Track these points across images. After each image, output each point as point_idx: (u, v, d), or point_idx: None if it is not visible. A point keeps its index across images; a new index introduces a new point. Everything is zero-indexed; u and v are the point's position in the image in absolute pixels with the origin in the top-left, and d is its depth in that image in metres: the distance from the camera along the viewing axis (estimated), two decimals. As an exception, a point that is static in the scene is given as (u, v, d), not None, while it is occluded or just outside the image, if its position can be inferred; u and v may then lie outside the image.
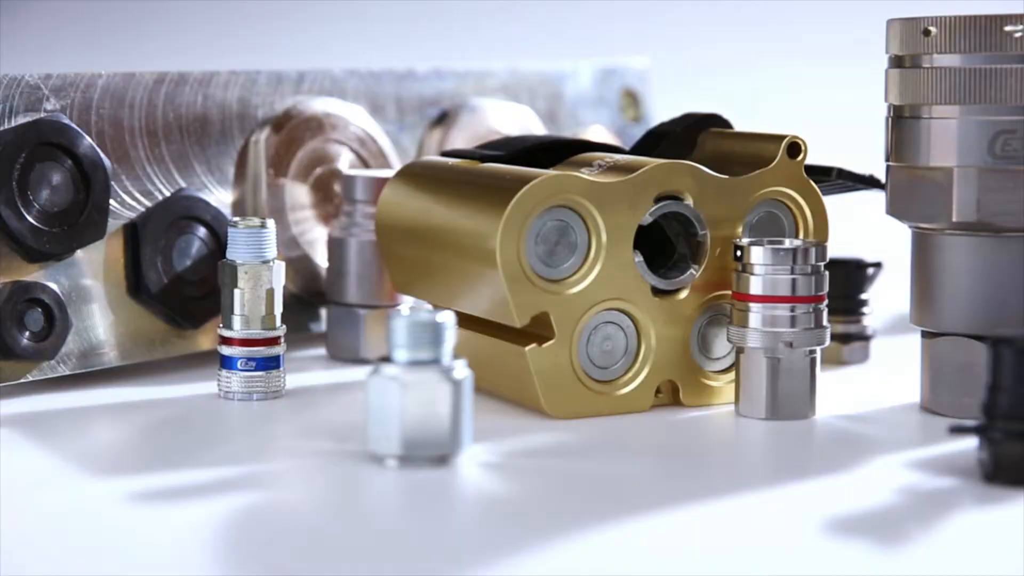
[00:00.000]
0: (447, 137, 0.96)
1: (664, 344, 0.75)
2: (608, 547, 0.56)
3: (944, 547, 0.56)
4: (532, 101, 1.03)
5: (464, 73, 0.99)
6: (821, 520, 0.58)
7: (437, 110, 0.97)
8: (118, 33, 1.09)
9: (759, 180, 0.77)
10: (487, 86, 1.00)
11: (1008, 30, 0.70)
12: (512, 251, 0.72)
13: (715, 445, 0.71)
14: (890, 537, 0.56)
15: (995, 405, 0.61)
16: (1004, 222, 0.72)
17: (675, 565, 0.55)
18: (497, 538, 0.58)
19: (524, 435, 0.71)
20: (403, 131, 0.95)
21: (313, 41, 1.15)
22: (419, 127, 0.96)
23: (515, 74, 1.02)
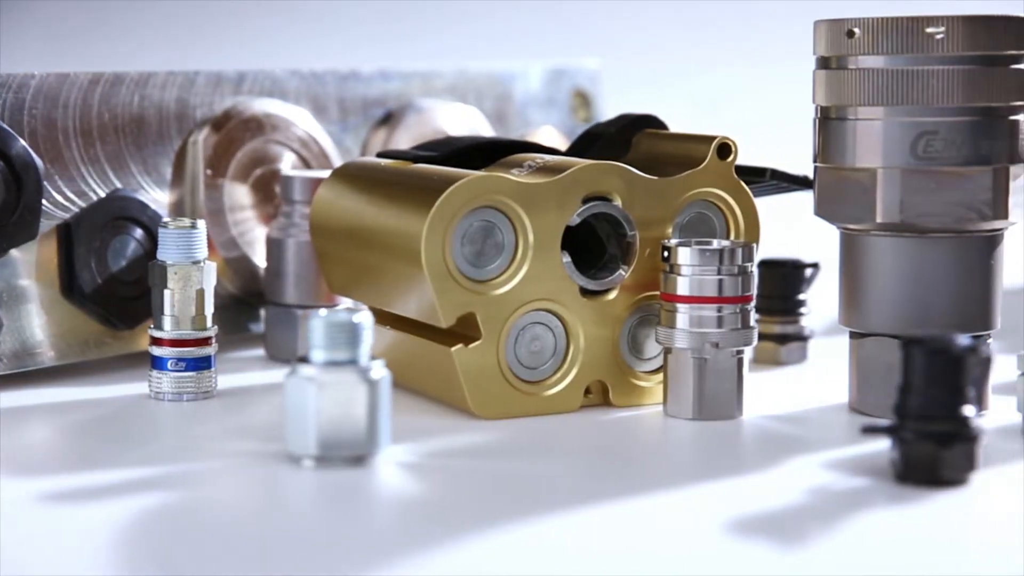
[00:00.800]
0: (391, 138, 0.96)
1: (593, 344, 0.76)
2: (517, 547, 0.56)
3: (846, 546, 0.56)
4: (480, 102, 1.03)
5: (410, 74, 0.99)
6: (726, 520, 0.58)
7: (382, 111, 0.97)
8: (52, 33, 1.09)
9: (689, 181, 0.77)
10: (434, 87, 1.00)
11: (929, 32, 0.71)
12: (437, 252, 0.72)
13: (638, 445, 0.71)
14: (792, 537, 0.56)
15: (906, 406, 0.62)
16: (927, 223, 0.72)
17: (581, 565, 0.55)
18: (407, 538, 0.58)
19: (448, 435, 0.71)
20: (346, 132, 0.95)
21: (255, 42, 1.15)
22: (363, 128, 0.96)
23: (462, 75, 1.02)
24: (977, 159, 0.71)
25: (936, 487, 0.61)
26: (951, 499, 0.60)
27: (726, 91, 1.26)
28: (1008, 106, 0.72)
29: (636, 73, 1.19)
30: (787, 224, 0.91)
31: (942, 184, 0.71)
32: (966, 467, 0.62)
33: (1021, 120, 0.72)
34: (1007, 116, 0.72)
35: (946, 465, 0.61)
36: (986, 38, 0.71)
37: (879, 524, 0.58)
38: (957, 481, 0.62)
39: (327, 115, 0.94)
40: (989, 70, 0.71)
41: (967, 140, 0.71)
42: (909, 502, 0.60)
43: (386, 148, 0.93)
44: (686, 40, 1.27)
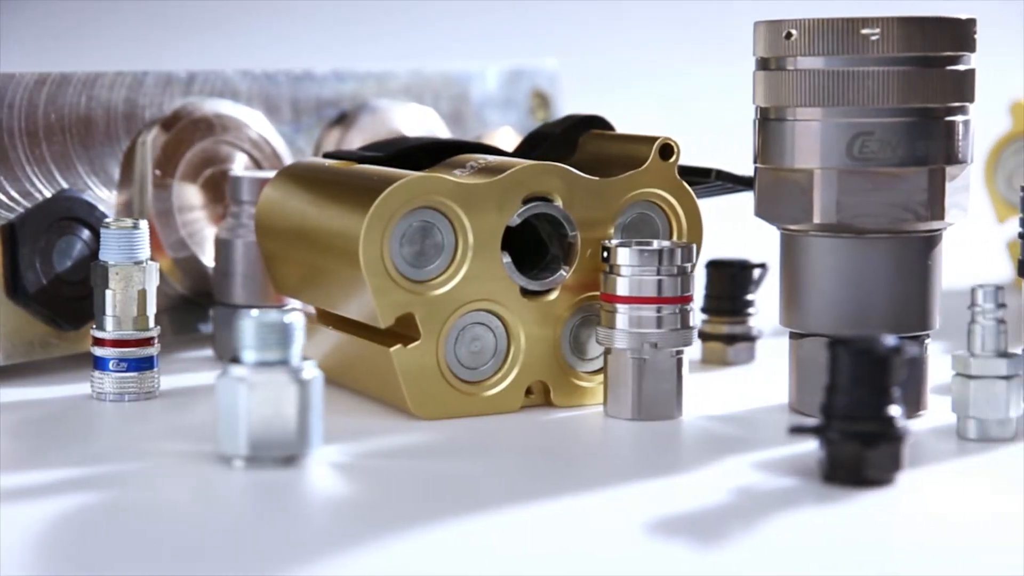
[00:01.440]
0: (345, 138, 0.96)
1: (534, 345, 0.76)
2: (441, 547, 0.56)
3: (765, 546, 0.56)
4: (436, 103, 1.03)
5: (365, 75, 0.99)
6: (647, 521, 0.59)
7: (336, 111, 0.97)
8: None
9: (630, 181, 0.77)
10: (388, 88, 1.00)
11: (864, 33, 0.71)
12: (375, 252, 0.72)
13: (575, 446, 0.71)
14: (710, 537, 0.57)
15: (832, 406, 0.62)
16: (863, 223, 0.72)
17: (501, 566, 0.55)
18: (333, 537, 0.58)
19: (385, 436, 0.71)
20: (299, 133, 0.95)
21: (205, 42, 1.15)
22: (316, 129, 0.96)
23: (418, 75, 1.02)
24: (913, 160, 0.71)
25: (861, 487, 0.61)
26: (875, 499, 0.61)
27: (689, 92, 1.26)
28: (944, 107, 0.72)
29: (595, 73, 1.19)
30: (736, 225, 0.91)
31: (878, 185, 0.72)
32: (891, 467, 0.62)
33: (957, 121, 0.72)
34: (943, 117, 0.72)
35: (871, 465, 0.61)
36: (921, 39, 0.71)
37: (801, 524, 0.59)
38: (882, 481, 0.62)
39: (280, 116, 0.94)
40: (925, 71, 0.71)
41: (903, 141, 0.71)
42: (833, 502, 0.60)
43: (339, 149, 0.93)
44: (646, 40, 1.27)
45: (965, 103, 0.73)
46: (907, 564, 0.55)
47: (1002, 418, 0.69)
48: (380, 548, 0.56)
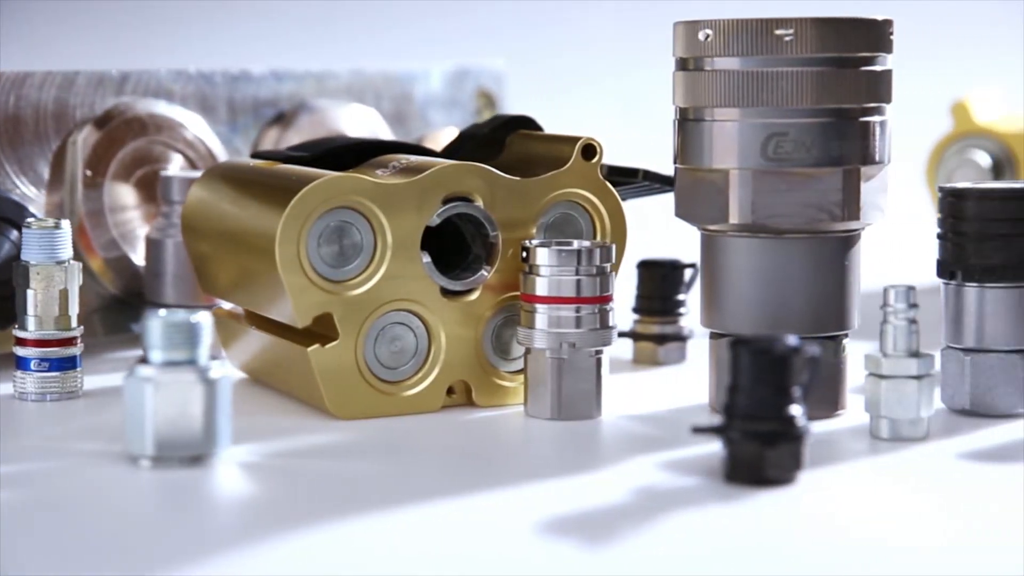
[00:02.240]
0: (283, 138, 0.96)
1: (456, 345, 0.76)
2: (337, 547, 0.56)
3: (657, 545, 0.56)
4: (378, 103, 1.03)
5: (303, 74, 0.99)
6: (542, 520, 0.59)
7: (273, 111, 0.97)
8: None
9: (552, 182, 0.77)
10: (328, 88, 1.00)
11: (778, 34, 0.71)
12: (292, 252, 0.72)
13: (490, 446, 0.71)
14: (600, 536, 0.57)
15: (733, 405, 0.62)
16: (778, 223, 0.72)
17: (386, 564, 0.55)
18: (233, 537, 0.58)
19: (301, 436, 0.71)
20: (236, 133, 0.95)
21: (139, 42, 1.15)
22: (253, 129, 0.96)
23: (359, 75, 1.02)
24: (827, 160, 0.71)
25: (762, 486, 0.62)
26: (774, 498, 0.61)
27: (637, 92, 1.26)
28: (860, 108, 0.72)
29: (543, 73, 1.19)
30: (668, 225, 0.91)
31: (793, 185, 0.72)
32: (792, 466, 0.62)
33: (873, 122, 0.72)
34: (858, 118, 0.72)
35: (771, 464, 0.61)
36: (836, 40, 0.71)
37: (695, 522, 0.59)
38: (783, 480, 0.62)
39: (216, 116, 0.94)
40: (839, 72, 0.71)
41: (817, 141, 0.71)
42: (731, 501, 0.61)
43: (267, 149, 0.94)
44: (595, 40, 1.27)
45: (882, 104, 0.73)
46: (801, 563, 0.55)
47: (913, 418, 0.69)
48: (277, 547, 0.57)
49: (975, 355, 0.73)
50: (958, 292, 0.74)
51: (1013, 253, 0.72)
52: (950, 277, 0.74)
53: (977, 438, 0.70)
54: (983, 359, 0.73)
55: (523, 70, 1.13)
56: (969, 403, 0.73)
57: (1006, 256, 0.72)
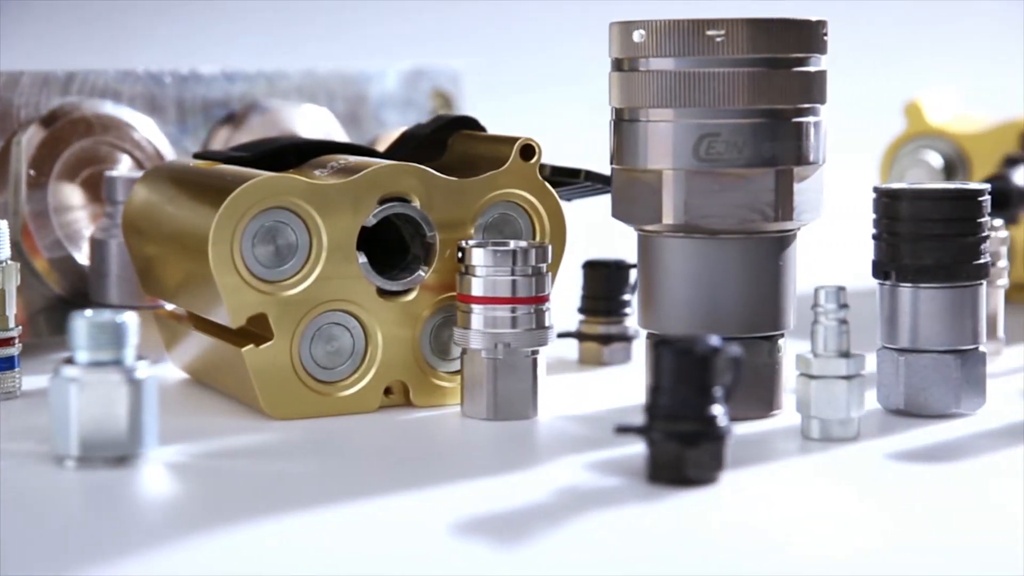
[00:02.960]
0: (233, 139, 0.96)
1: (393, 345, 0.76)
2: (247, 548, 0.56)
3: (566, 544, 0.56)
4: (331, 103, 1.03)
5: (255, 75, 0.99)
6: (458, 520, 0.59)
7: (224, 112, 0.97)
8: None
9: (490, 182, 0.77)
10: (280, 88, 1.00)
11: (710, 34, 0.71)
12: (225, 252, 0.72)
13: (421, 446, 0.71)
14: (513, 536, 0.57)
15: (655, 406, 0.62)
16: (711, 224, 0.72)
17: (299, 565, 0.55)
18: (151, 537, 0.58)
19: (234, 436, 0.71)
20: (186, 134, 0.95)
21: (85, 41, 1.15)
22: (203, 130, 0.96)
23: (311, 75, 1.02)
24: (759, 161, 0.71)
25: (683, 486, 0.62)
26: (693, 498, 0.61)
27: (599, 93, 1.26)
28: (793, 108, 0.72)
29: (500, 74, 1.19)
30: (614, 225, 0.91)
31: (725, 186, 0.72)
32: (713, 467, 0.62)
33: (806, 122, 0.72)
34: (791, 118, 0.72)
35: (691, 464, 0.62)
36: (767, 41, 0.71)
37: (611, 523, 0.59)
38: (703, 480, 0.62)
39: (165, 116, 0.94)
40: (771, 72, 0.71)
41: (749, 142, 0.71)
42: (650, 501, 0.61)
43: (209, 149, 0.94)
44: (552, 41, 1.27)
45: (815, 104, 0.73)
46: (716, 564, 0.55)
47: (843, 418, 0.69)
48: (196, 547, 0.57)
49: (909, 355, 0.73)
50: (893, 292, 0.74)
51: (946, 253, 0.73)
52: (885, 277, 0.74)
53: (908, 438, 0.70)
54: (917, 359, 0.73)
55: (480, 70, 1.13)
56: (903, 403, 0.74)
57: (939, 256, 0.73)
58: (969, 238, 0.73)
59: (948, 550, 0.56)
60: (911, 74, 1.22)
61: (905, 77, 1.18)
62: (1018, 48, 1.32)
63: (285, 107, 0.99)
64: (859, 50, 1.25)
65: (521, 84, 1.23)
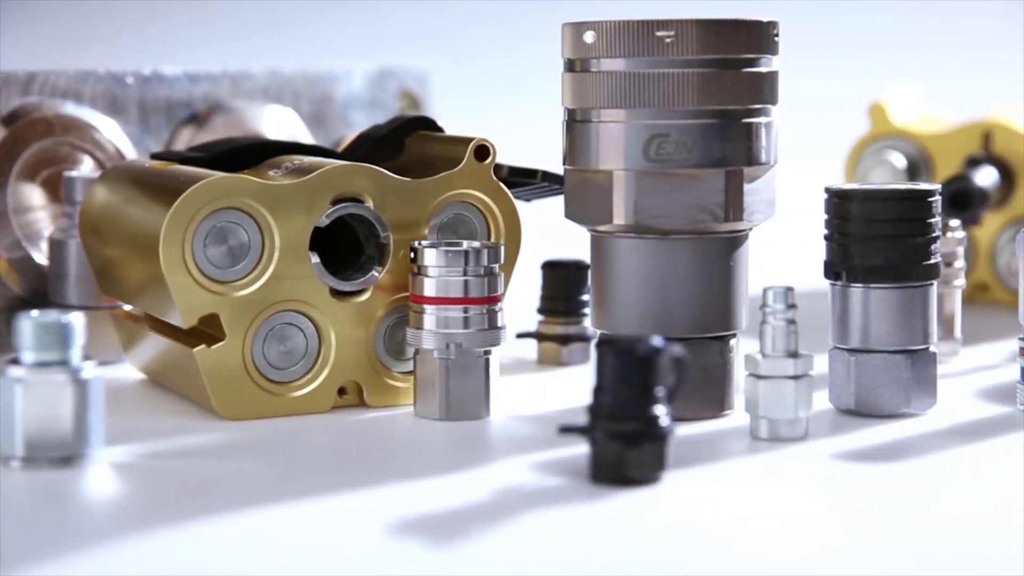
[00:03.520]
0: (196, 139, 0.96)
1: (347, 345, 0.76)
2: (185, 547, 0.57)
3: (503, 544, 0.56)
4: (296, 104, 1.03)
5: (219, 75, 0.99)
6: (397, 520, 0.59)
7: (186, 112, 0.97)
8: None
9: (444, 182, 0.77)
10: (244, 89, 1.00)
11: (659, 35, 0.71)
12: (176, 252, 0.73)
13: (371, 446, 0.71)
14: (448, 536, 0.57)
15: (598, 406, 0.62)
16: (661, 224, 0.72)
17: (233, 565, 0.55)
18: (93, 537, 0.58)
19: (183, 436, 0.71)
20: (148, 135, 0.95)
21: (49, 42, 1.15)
22: (166, 130, 0.96)
23: (276, 76, 1.02)
24: (709, 161, 0.72)
25: (625, 486, 0.62)
26: (634, 498, 0.61)
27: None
28: (744, 109, 0.72)
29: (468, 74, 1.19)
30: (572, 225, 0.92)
31: (675, 186, 0.72)
32: (655, 466, 0.62)
33: (757, 123, 0.72)
34: (741, 119, 0.72)
35: (633, 464, 0.62)
36: (717, 42, 0.71)
37: (550, 522, 0.59)
38: (645, 480, 0.62)
39: (127, 117, 0.94)
40: (721, 73, 0.71)
41: (698, 142, 0.71)
42: (592, 501, 0.61)
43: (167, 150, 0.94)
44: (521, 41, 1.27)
45: (766, 105, 0.73)
46: (654, 563, 0.55)
47: (791, 418, 0.69)
48: (135, 546, 0.57)
49: (860, 355, 0.73)
50: (843, 293, 0.74)
51: (896, 254, 0.73)
52: (836, 278, 0.74)
53: (857, 438, 0.71)
54: (867, 359, 0.73)
55: (448, 71, 1.13)
56: (854, 403, 0.74)
57: (889, 257, 0.73)
58: (919, 238, 0.73)
59: (892, 550, 0.56)
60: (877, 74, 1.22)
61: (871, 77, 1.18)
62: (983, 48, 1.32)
63: (250, 107, 0.99)
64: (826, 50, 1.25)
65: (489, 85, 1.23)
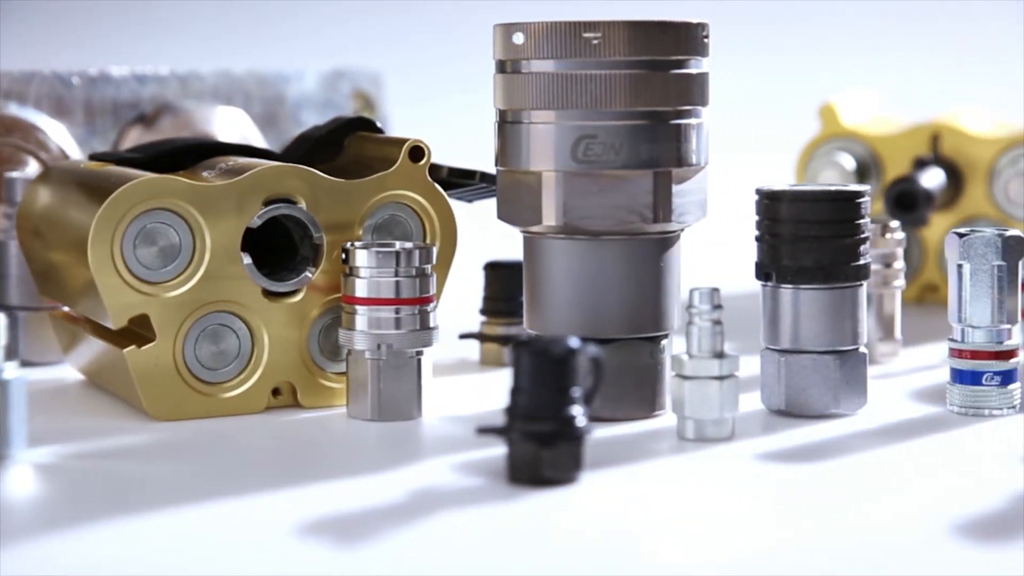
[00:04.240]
0: (143, 141, 0.96)
1: (280, 346, 0.76)
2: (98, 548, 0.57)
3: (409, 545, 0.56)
4: (247, 105, 1.03)
5: (168, 76, 0.99)
6: (306, 521, 0.59)
7: (133, 113, 0.97)
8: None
9: (378, 183, 0.77)
10: (193, 89, 1.00)
11: (587, 36, 0.71)
12: (105, 253, 0.73)
13: (298, 447, 0.71)
14: (354, 536, 0.57)
15: (514, 406, 0.62)
16: (590, 225, 0.72)
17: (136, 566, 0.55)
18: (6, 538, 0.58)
19: (111, 437, 0.72)
20: (94, 136, 0.95)
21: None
22: (112, 132, 0.96)
23: (226, 76, 1.02)
24: (636, 163, 0.72)
25: (541, 486, 0.62)
26: (549, 498, 0.61)
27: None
28: (674, 110, 0.72)
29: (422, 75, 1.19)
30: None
31: (603, 187, 0.72)
32: (571, 467, 0.62)
33: (686, 124, 0.73)
34: (669, 120, 0.72)
35: (548, 464, 0.62)
36: (645, 43, 0.71)
37: (462, 523, 0.59)
38: (561, 481, 0.62)
39: (72, 118, 0.94)
40: (650, 74, 0.72)
41: (626, 144, 0.72)
42: (506, 501, 0.61)
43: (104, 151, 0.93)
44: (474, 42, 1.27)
45: (696, 106, 0.73)
46: (562, 564, 0.55)
47: (716, 418, 0.69)
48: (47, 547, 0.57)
49: (790, 356, 0.74)
50: (774, 294, 0.74)
51: (825, 255, 0.73)
52: (766, 279, 0.74)
53: (784, 438, 0.71)
54: (797, 360, 0.73)
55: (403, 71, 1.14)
56: (784, 404, 0.74)
57: (818, 258, 0.73)
58: (847, 239, 0.73)
59: (812, 550, 0.56)
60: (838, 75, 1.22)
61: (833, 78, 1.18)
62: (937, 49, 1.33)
63: (200, 108, 0.99)
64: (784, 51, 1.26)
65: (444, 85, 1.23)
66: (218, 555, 0.56)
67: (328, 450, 0.71)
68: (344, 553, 0.56)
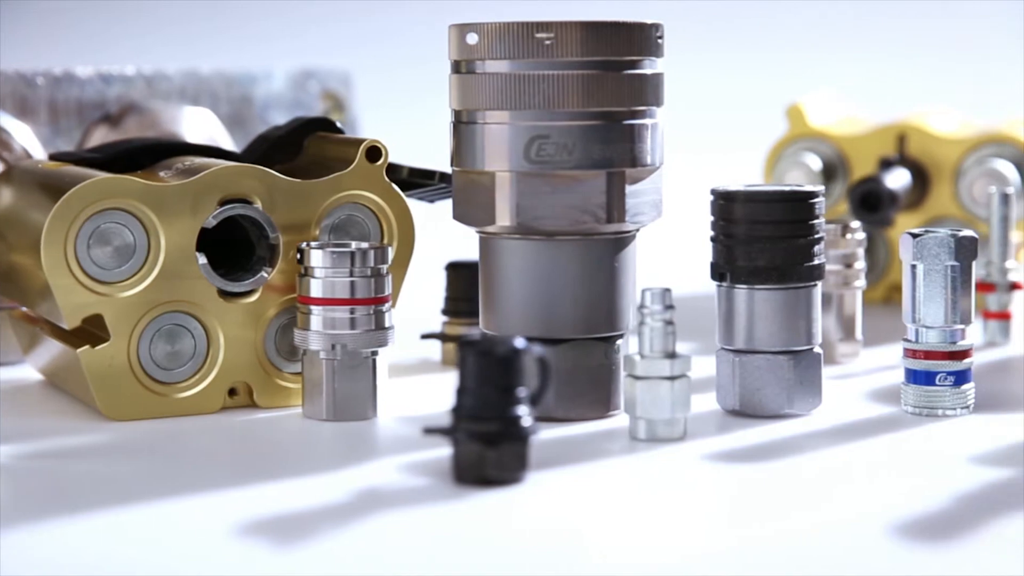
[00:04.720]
0: (108, 141, 0.96)
1: (236, 346, 0.76)
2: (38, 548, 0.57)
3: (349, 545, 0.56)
4: (215, 105, 1.03)
5: (134, 76, 0.99)
6: (249, 521, 0.59)
7: (99, 113, 0.97)
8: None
9: (335, 184, 0.77)
10: (160, 89, 1.00)
11: (539, 37, 0.71)
12: (58, 253, 0.73)
13: (252, 447, 0.71)
14: (295, 536, 0.57)
15: (460, 407, 0.62)
16: (543, 225, 0.72)
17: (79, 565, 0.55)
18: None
19: (65, 437, 0.72)
20: (59, 136, 0.95)
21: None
22: (78, 131, 0.96)
23: (193, 76, 1.02)
24: (589, 163, 0.72)
25: (486, 486, 0.62)
26: (494, 499, 0.61)
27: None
28: (628, 111, 0.72)
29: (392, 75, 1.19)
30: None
31: (556, 187, 0.72)
32: (516, 467, 0.62)
33: (640, 124, 0.73)
34: (623, 120, 0.72)
35: (492, 464, 0.62)
36: (597, 44, 0.71)
37: (405, 523, 0.59)
38: (506, 481, 0.62)
39: (36, 118, 0.94)
40: (603, 75, 0.72)
41: (579, 144, 0.72)
42: (450, 501, 0.61)
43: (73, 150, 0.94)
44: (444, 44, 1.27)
45: (650, 106, 0.73)
46: (506, 564, 0.55)
47: (668, 418, 0.69)
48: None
49: (744, 356, 0.74)
50: (728, 294, 0.74)
51: (779, 255, 0.73)
52: (721, 279, 0.74)
53: (737, 438, 0.71)
54: (751, 360, 0.73)
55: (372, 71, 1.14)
56: (739, 404, 0.74)
57: (771, 258, 0.73)
58: (801, 240, 0.73)
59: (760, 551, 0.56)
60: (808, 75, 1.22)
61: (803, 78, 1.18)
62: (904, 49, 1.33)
63: (166, 109, 0.99)
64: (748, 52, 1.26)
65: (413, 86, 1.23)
66: (156, 556, 0.56)
67: (280, 451, 0.71)
68: (282, 554, 0.56)
